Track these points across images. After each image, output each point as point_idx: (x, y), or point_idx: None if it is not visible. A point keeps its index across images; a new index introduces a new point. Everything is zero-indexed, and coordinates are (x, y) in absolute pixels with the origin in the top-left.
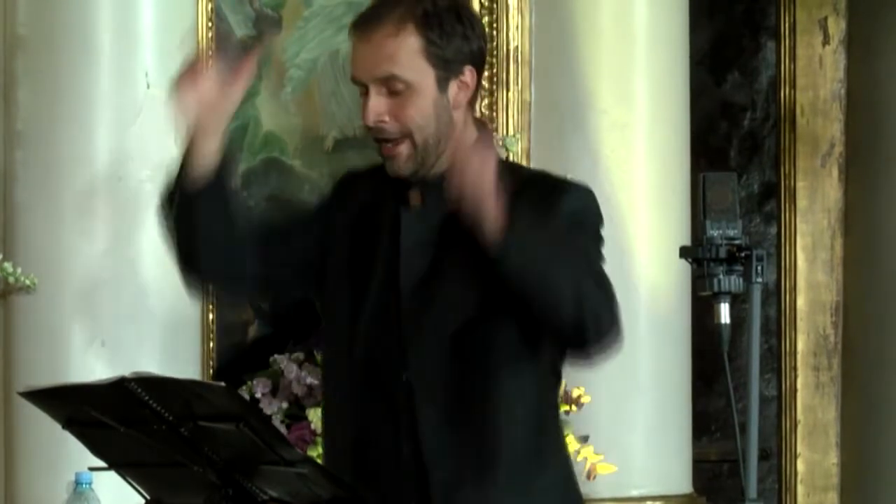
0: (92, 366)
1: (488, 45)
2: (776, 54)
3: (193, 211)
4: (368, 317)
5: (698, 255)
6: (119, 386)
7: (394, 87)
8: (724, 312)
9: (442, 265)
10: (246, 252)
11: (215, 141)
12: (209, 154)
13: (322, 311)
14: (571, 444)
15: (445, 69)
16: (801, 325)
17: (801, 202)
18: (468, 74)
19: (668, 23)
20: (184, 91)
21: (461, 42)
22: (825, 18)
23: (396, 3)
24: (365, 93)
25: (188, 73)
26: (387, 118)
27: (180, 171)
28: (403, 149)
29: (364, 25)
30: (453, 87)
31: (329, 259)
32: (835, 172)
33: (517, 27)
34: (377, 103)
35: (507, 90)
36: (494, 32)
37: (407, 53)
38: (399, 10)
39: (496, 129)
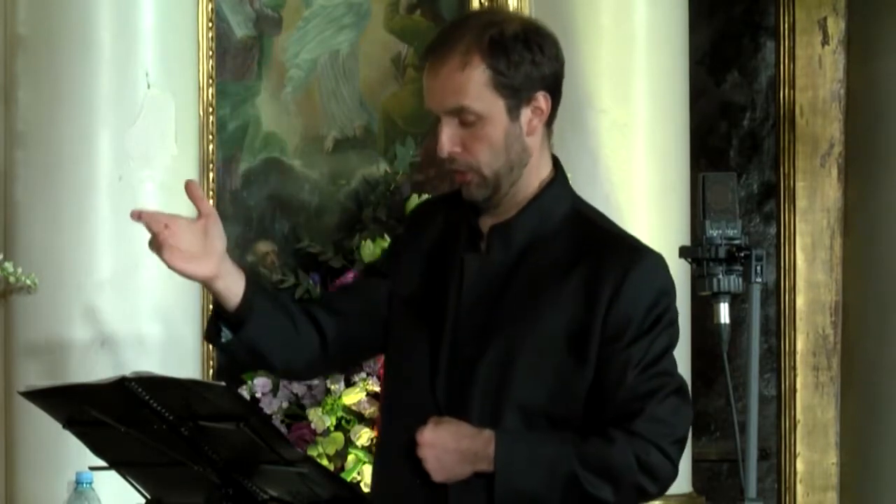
0: (92, 366)
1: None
2: (776, 54)
3: (248, 340)
4: (446, 364)
5: (698, 254)
6: (119, 386)
7: (465, 119)
8: (724, 312)
9: (500, 317)
10: (316, 346)
11: (228, 275)
12: (233, 287)
13: (393, 351)
14: None
15: (515, 97)
16: (800, 324)
17: (801, 202)
18: (542, 100)
19: (668, 23)
20: (169, 255)
21: (530, 68)
22: (825, 18)
23: (462, 31)
24: (438, 122)
25: (158, 241)
26: (458, 149)
27: (216, 313)
28: (474, 177)
29: (432, 58)
30: (526, 113)
31: (395, 301)
32: (834, 172)
33: None
34: (449, 135)
35: None
36: None
37: (475, 86)
38: (465, 41)
39: None
